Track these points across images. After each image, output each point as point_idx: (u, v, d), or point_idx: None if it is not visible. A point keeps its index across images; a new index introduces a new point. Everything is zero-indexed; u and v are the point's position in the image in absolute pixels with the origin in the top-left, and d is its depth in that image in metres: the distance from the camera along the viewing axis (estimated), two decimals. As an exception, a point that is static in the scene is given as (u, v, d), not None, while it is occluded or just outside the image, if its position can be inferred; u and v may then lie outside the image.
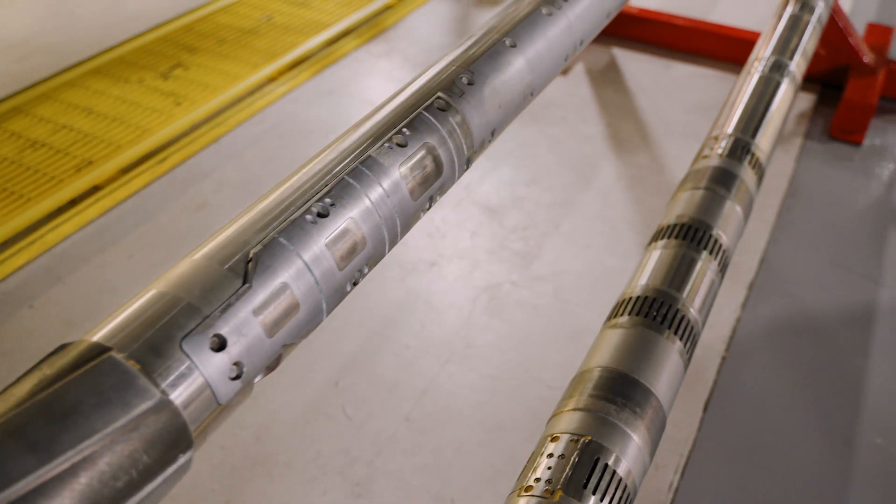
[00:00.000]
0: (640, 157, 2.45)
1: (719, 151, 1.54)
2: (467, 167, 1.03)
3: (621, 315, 1.17)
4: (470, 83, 1.04)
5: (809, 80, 2.87)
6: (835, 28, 2.73)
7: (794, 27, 1.99)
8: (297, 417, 1.66)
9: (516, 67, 1.12)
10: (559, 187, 2.31)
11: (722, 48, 2.98)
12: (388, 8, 3.25)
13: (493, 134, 1.08)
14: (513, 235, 2.13)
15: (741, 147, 1.55)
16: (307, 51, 2.89)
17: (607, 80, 2.85)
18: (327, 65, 2.85)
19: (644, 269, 1.26)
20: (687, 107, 2.70)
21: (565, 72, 2.88)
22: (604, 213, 2.22)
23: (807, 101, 2.76)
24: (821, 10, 2.12)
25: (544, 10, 1.23)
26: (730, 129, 1.61)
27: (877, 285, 2.02)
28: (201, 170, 2.33)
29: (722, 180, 1.46)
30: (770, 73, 1.79)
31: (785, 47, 1.89)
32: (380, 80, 2.82)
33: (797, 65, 1.86)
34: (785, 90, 1.76)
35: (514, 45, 1.13)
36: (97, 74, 2.66)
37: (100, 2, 3.19)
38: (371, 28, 3.09)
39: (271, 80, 2.73)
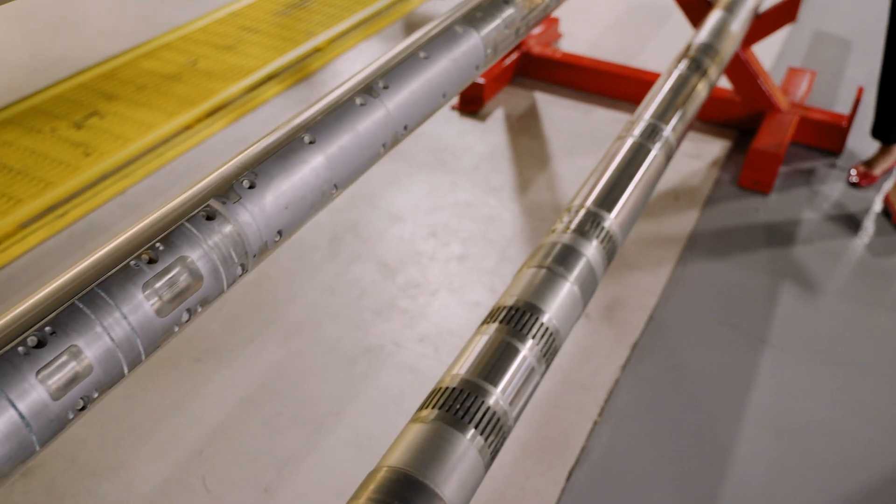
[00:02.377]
0: (545, 209, 2.46)
1: (569, 227, 1.54)
2: (244, 271, 1.03)
3: (426, 408, 1.17)
4: (251, 186, 1.03)
5: (726, 126, 2.88)
6: (747, 74, 2.74)
7: (679, 89, 2.00)
8: (155, 489, 1.65)
9: (312, 165, 1.11)
10: (458, 241, 2.31)
11: (643, 93, 2.99)
12: (316, 51, 3.26)
13: (282, 234, 1.08)
14: (402, 294, 2.13)
15: (592, 222, 1.55)
16: (227, 97, 2.90)
17: (525, 126, 2.86)
18: (246, 112, 2.85)
19: (462, 356, 1.26)
20: (601, 154, 2.71)
21: (484, 118, 2.89)
22: (499, 269, 2.22)
23: (722, 147, 2.77)
24: (710, 69, 2.13)
25: (358, 101, 1.23)
26: (588, 201, 1.61)
27: (762, 344, 2.02)
28: (102, 224, 2.33)
29: (564, 259, 1.45)
30: (643, 140, 1.79)
31: (665, 111, 1.89)
32: (298, 127, 2.82)
33: (674, 131, 1.86)
34: (655, 159, 1.76)
35: (312, 142, 1.13)
36: (9, 125, 2.67)
37: (26, 47, 3.20)
38: (296, 73, 3.10)
39: (187, 128, 2.74)
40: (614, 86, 3.02)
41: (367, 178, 2.53)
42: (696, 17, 2.71)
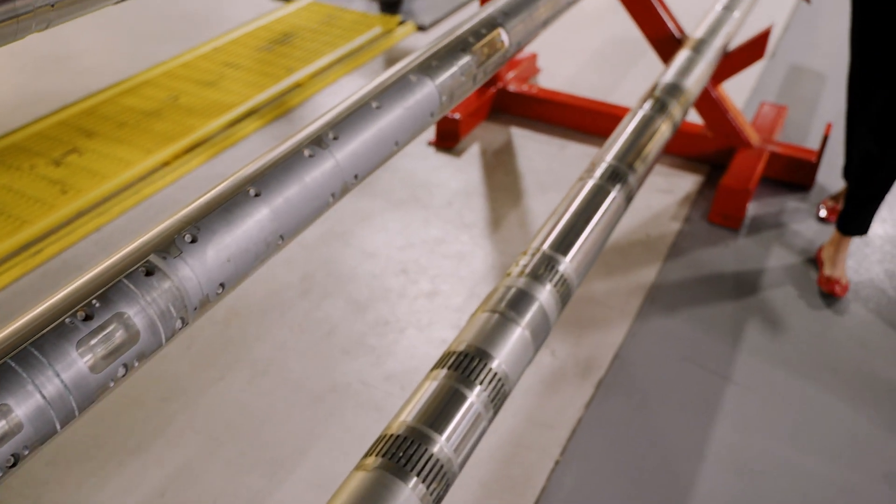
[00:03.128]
0: (516, 246, 2.49)
1: (525, 271, 1.56)
2: (185, 324, 1.05)
3: (370, 455, 1.18)
4: (193, 240, 1.05)
5: (699, 161, 2.92)
6: (717, 111, 2.78)
7: (642, 131, 2.02)
8: (116, 532, 1.66)
9: (256, 218, 1.13)
10: (429, 278, 2.34)
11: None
12: (297, 86, 3.31)
13: (224, 286, 1.10)
14: (371, 332, 2.15)
15: (547, 265, 1.57)
16: (206, 133, 2.93)
17: (500, 162, 2.90)
18: (224, 148, 2.89)
19: (409, 403, 1.27)
20: (574, 190, 2.74)
21: (460, 153, 2.93)
22: (467, 306, 2.24)
23: (694, 182, 2.81)
24: (674, 110, 2.16)
25: (306, 152, 1.26)
26: (545, 244, 1.64)
27: (725, 381, 2.03)
28: (76, 262, 2.35)
29: (517, 304, 1.48)
30: (602, 183, 1.82)
31: (626, 153, 1.92)
32: (276, 163, 2.85)
33: (634, 173, 1.89)
34: (614, 202, 1.78)
35: (258, 194, 1.16)
36: (-12, 162, 2.71)
37: (11, 83, 3.25)
38: (276, 108, 3.14)
39: (165, 164, 2.77)
40: (589, 121, 3.06)
41: (341, 215, 2.57)
42: (666, 55, 2.75)
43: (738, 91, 3.26)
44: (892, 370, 2.09)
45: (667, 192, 2.75)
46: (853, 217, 2.30)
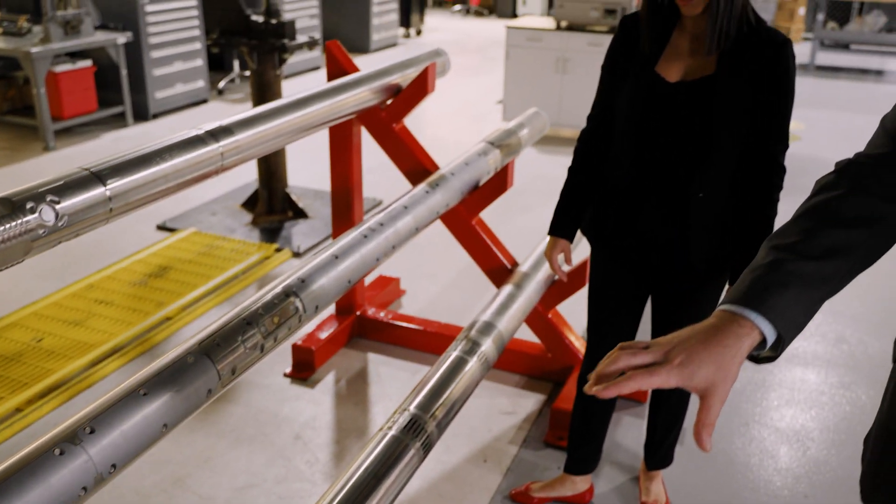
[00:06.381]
0: (357, 479, 2.54)
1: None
2: None
3: None
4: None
5: (544, 380, 3.07)
6: (552, 333, 2.98)
7: (450, 376, 2.13)
8: None
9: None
10: (264, 522, 2.36)
11: (469, 349, 3.19)
12: (166, 320, 3.42)
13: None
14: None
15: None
16: (64, 375, 2.99)
17: (352, 391, 3.00)
18: (81, 390, 2.94)
19: None
20: (421, 416, 2.84)
21: (314, 384, 3.03)
22: (298, 551, 2.26)
23: (537, 402, 2.94)
24: (488, 348, 2.30)
25: (56, 451, 1.35)
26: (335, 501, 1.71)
27: None
28: None
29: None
30: (401, 435, 1.90)
31: (430, 402, 2.01)
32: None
33: (435, 421, 1.97)
34: (411, 459, 1.85)
35: (-7, 501, 1.22)
36: None
37: None
38: (140, 345, 3.23)
39: (18, 410, 2.80)
40: (444, 345, 3.22)
41: (180, 457, 2.60)
42: (499, 283, 2.97)
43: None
44: None
45: (510, 413, 2.87)
46: (653, 452, 2.42)
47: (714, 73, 1.86)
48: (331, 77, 2.92)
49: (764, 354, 0.99)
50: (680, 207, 1.94)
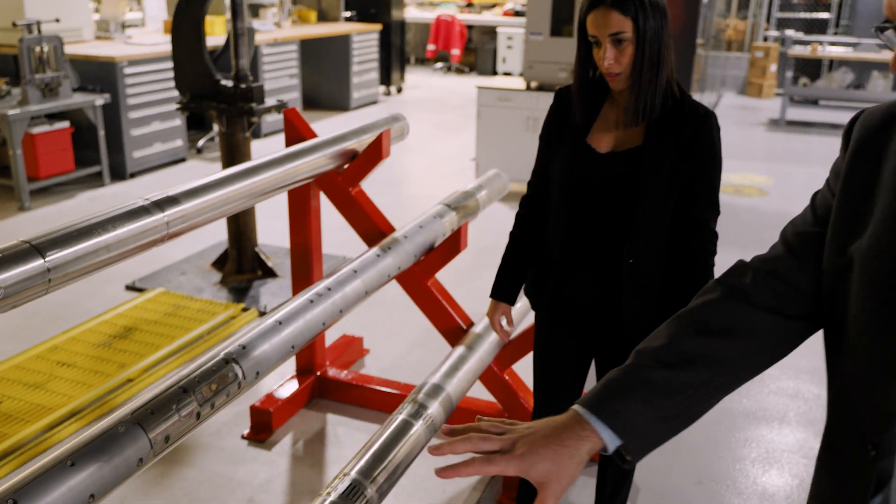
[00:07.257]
0: (307, 543, 2.54)
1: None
2: None
3: None
4: None
5: (501, 440, 3.08)
6: (508, 392, 3.00)
7: (394, 440, 2.14)
8: None
9: None
10: (211, 589, 2.34)
11: (428, 409, 3.21)
12: (128, 381, 3.43)
13: None
14: None
15: None
16: (21, 439, 2.98)
17: (309, 453, 3.01)
18: (36, 454, 2.93)
19: None
20: (377, 478, 2.84)
21: (271, 446, 3.03)
22: None
23: (493, 462, 2.95)
24: (435, 411, 2.32)
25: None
26: None
27: None
28: None
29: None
30: (339, 501, 1.92)
31: (372, 466, 2.00)
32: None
33: (377, 488, 1.98)
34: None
35: None
36: None
37: None
38: (99, 407, 3.23)
39: (-30, 476, 2.79)
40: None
41: (133, 524, 2.59)
42: (453, 341, 3.00)
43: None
44: None
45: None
46: None
47: (641, 145, 1.94)
48: (289, 143, 2.99)
49: (626, 458, 1.01)
50: (612, 273, 2.00)
